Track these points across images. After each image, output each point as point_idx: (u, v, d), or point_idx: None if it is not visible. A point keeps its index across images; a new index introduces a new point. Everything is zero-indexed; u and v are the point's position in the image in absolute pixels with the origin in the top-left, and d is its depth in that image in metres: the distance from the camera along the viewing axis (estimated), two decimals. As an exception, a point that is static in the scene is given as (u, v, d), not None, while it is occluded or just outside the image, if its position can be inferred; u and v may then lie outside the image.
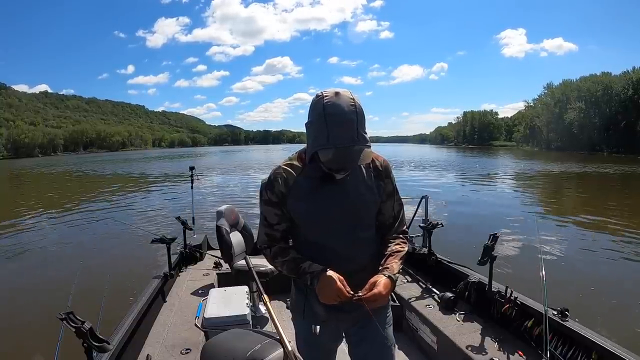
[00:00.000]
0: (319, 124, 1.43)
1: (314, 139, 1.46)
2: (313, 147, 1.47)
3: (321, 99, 1.43)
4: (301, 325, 1.87)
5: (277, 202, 1.69)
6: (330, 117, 1.40)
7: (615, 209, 13.62)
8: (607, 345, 2.36)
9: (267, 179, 1.71)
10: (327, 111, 1.41)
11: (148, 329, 3.27)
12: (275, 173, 1.68)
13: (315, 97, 1.47)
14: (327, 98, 1.43)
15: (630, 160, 46.67)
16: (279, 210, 1.71)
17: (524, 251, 8.03)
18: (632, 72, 76.22)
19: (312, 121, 1.47)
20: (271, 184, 1.68)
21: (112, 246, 9.39)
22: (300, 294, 1.82)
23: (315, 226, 1.70)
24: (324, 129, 1.41)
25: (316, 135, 1.45)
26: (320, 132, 1.43)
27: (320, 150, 1.45)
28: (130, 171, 39.28)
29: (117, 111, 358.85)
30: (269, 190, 1.69)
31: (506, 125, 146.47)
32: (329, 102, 1.41)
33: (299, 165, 1.67)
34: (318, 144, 1.44)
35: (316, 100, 1.46)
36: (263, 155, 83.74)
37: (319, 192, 1.65)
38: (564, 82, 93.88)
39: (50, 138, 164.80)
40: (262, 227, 1.77)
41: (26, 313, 5.71)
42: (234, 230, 4.14)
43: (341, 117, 1.40)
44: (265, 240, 1.78)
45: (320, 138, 1.43)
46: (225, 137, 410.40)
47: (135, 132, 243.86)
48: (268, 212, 1.74)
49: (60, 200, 18.19)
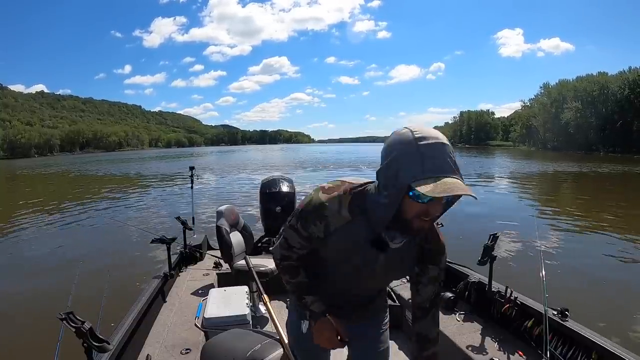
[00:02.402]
0: (408, 155, 1.14)
1: (403, 172, 1.14)
2: (402, 180, 1.14)
3: (406, 130, 1.18)
4: (293, 323, 1.81)
5: (307, 237, 1.47)
6: (423, 143, 1.13)
7: (614, 208, 13.63)
8: (607, 345, 2.37)
9: (304, 211, 1.43)
10: (418, 137, 1.14)
11: (148, 329, 3.27)
12: (317, 210, 1.39)
13: (395, 134, 1.21)
14: (413, 127, 1.18)
15: (626, 160, 46.83)
16: (306, 242, 1.50)
17: (524, 251, 8.03)
18: (628, 72, 76.44)
19: (396, 156, 1.16)
20: (306, 222, 1.43)
21: (112, 246, 9.34)
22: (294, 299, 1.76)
23: (338, 274, 1.57)
24: (417, 158, 1.12)
25: (403, 168, 1.14)
26: (410, 163, 1.13)
27: (416, 183, 1.10)
28: (129, 171, 39.16)
29: (114, 111, 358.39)
30: (301, 223, 1.44)
31: (503, 125, 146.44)
32: (417, 130, 1.16)
33: (347, 215, 1.37)
34: (410, 175, 1.12)
35: (400, 134, 1.19)
36: (260, 154, 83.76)
37: (357, 254, 1.45)
38: (560, 82, 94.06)
39: (46, 138, 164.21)
40: (280, 245, 1.58)
41: (26, 313, 5.69)
42: (234, 230, 4.15)
43: (436, 142, 1.14)
44: (279, 257, 1.61)
45: (413, 168, 1.12)
46: (222, 137, 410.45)
47: (131, 132, 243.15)
48: (291, 237, 1.52)
49: (60, 201, 18.10)
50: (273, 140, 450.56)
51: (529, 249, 8.07)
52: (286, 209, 5.11)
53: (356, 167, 35.94)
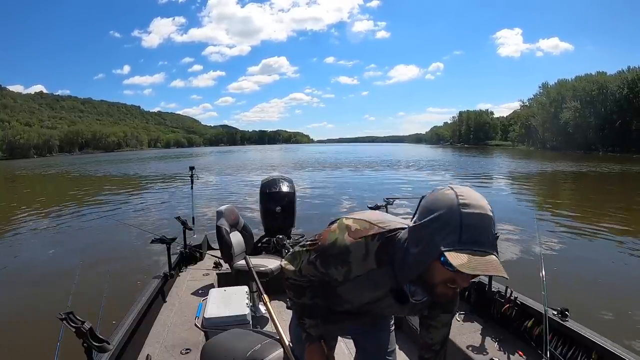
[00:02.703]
0: (448, 219, 1.06)
1: (439, 236, 1.07)
2: (436, 244, 1.07)
3: (451, 192, 1.10)
4: (296, 326, 1.79)
5: (324, 273, 1.39)
6: (467, 211, 1.05)
7: (613, 208, 13.62)
8: (607, 345, 2.37)
9: (325, 251, 1.35)
10: (462, 204, 1.06)
11: (148, 329, 3.27)
12: (340, 254, 1.31)
13: (439, 193, 1.12)
14: (458, 190, 1.10)
15: (625, 159, 46.85)
16: (320, 276, 1.43)
17: (524, 251, 8.03)
18: (627, 72, 76.51)
19: (435, 217, 1.08)
20: (327, 262, 1.35)
21: (112, 246, 9.37)
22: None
23: (353, 304, 1.50)
24: (457, 225, 1.05)
25: (440, 232, 1.07)
26: (448, 229, 1.06)
27: (449, 253, 1.03)
28: (129, 172, 39.09)
29: (113, 112, 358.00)
30: (320, 262, 1.37)
31: (502, 125, 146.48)
32: (463, 195, 1.08)
33: (373, 263, 1.29)
34: (446, 242, 1.05)
35: (443, 194, 1.11)
36: (259, 155, 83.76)
37: (375, 301, 1.42)
38: (559, 82, 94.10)
39: (45, 139, 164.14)
40: (294, 273, 1.51)
41: (26, 313, 5.69)
42: (234, 230, 4.15)
43: (480, 212, 1.06)
44: (289, 277, 1.56)
45: (450, 236, 1.05)
46: (221, 137, 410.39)
47: (130, 133, 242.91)
48: (308, 271, 1.45)
49: (60, 201, 18.09)
50: (272, 141, 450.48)
51: (528, 249, 8.08)
52: (286, 209, 5.11)
53: (355, 168, 35.96)
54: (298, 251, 1.51)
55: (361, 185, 21.52)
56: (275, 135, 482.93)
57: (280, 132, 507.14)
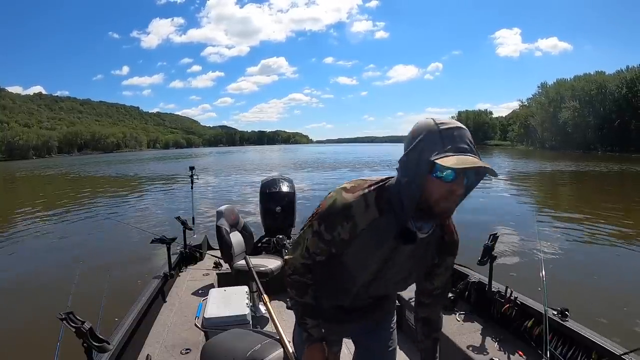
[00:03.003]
0: (430, 137, 1.19)
1: (426, 152, 1.18)
2: (424, 158, 1.18)
3: (429, 119, 1.23)
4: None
5: (330, 241, 1.41)
6: (444, 127, 1.19)
7: (613, 208, 13.62)
8: (607, 345, 2.37)
9: (328, 214, 1.39)
10: (439, 123, 1.20)
11: (148, 329, 3.27)
12: (342, 211, 1.36)
13: (418, 123, 1.26)
14: (434, 117, 1.23)
15: (624, 159, 46.83)
16: (328, 247, 1.44)
17: (524, 251, 8.03)
18: (626, 71, 76.50)
19: (420, 140, 1.21)
20: (332, 223, 1.38)
21: (112, 246, 9.38)
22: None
23: (360, 277, 1.51)
24: (438, 138, 1.18)
25: (426, 148, 1.19)
26: (433, 143, 1.18)
27: (445, 157, 1.14)
28: (129, 173, 39.14)
29: (112, 112, 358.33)
30: (325, 226, 1.40)
31: (501, 125, 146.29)
32: (438, 118, 1.22)
33: (375, 210, 1.34)
34: (432, 153, 1.16)
35: (422, 122, 1.24)
36: (259, 155, 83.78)
37: (384, 252, 1.42)
38: (558, 82, 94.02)
39: (44, 140, 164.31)
40: (300, 255, 1.52)
41: (26, 313, 5.71)
42: (234, 230, 4.15)
43: (456, 126, 1.20)
44: (298, 268, 1.55)
45: (435, 147, 1.17)
46: (220, 137, 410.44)
47: (129, 134, 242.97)
48: (314, 244, 1.46)
49: (60, 201, 18.13)
50: (271, 141, 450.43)
51: (529, 249, 8.08)
52: (286, 209, 5.13)
53: (354, 168, 35.94)
54: (299, 236, 1.53)
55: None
56: (274, 136, 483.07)
57: (279, 133, 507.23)
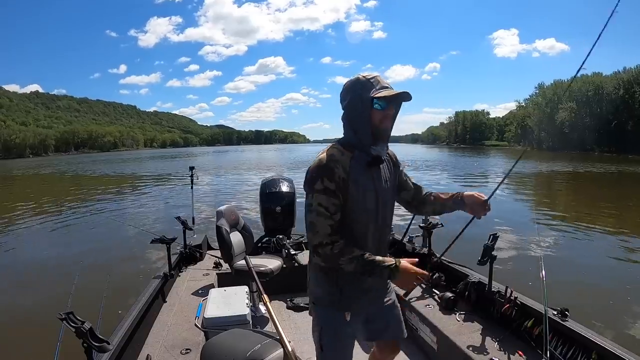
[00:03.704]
0: (364, 85, 1.75)
1: (365, 94, 1.74)
2: (366, 97, 1.73)
3: (355, 77, 1.81)
4: (331, 317, 1.92)
5: (334, 190, 1.72)
6: (370, 76, 1.76)
7: (611, 208, 13.68)
8: (607, 345, 2.36)
9: (320, 167, 1.73)
10: (364, 75, 1.77)
11: (148, 329, 3.26)
12: (329, 160, 1.75)
13: (347, 82, 1.83)
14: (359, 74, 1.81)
15: (621, 160, 46.94)
16: (337, 198, 1.73)
17: (524, 251, 8.03)
18: (622, 73, 76.66)
19: (356, 87, 1.77)
20: (330, 171, 1.72)
21: (112, 246, 9.37)
22: (332, 287, 1.87)
23: (365, 209, 1.82)
24: (369, 84, 1.74)
25: (365, 91, 1.74)
26: (368, 87, 1.74)
27: (378, 93, 1.72)
28: (127, 172, 39.07)
29: (109, 111, 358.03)
30: (326, 178, 1.71)
31: (498, 125, 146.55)
32: (361, 74, 1.80)
33: (348, 152, 1.80)
34: (370, 92, 1.72)
35: (351, 80, 1.81)
36: (256, 155, 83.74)
37: (370, 176, 1.83)
38: (555, 82, 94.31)
39: (41, 138, 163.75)
40: (323, 219, 1.72)
41: (26, 313, 5.70)
42: (234, 230, 4.15)
43: (375, 74, 1.78)
44: (328, 234, 1.73)
45: (368, 89, 1.74)
46: (218, 137, 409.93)
47: (126, 133, 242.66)
48: (327, 202, 1.71)
49: (59, 201, 18.12)
50: (268, 141, 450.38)
51: (528, 249, 8.10)
52: (286, 209, 5.14)
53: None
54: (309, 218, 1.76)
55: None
56: (272, 135, 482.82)
57: (276, 132, 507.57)
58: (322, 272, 1.88)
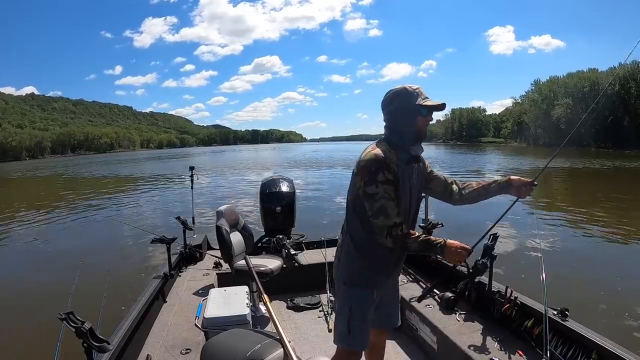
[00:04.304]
0: (410, 95, 2.03)
1: (413, 102, 2.01)
2: (414, 105, 2.01)
3: (400, 87, 2.08)
4: (361, 296, 2.19)
5: (393, 181, 1.96)
6: (413, 88, 2.04)
7: (612, 205, 13.72)
8: (607, 345, 2.37)
9: (379, 161, 1.96)
10: (408, 86, 2.05)
11: (148, 329, 3.26)
12: (385, 155, 1.98)
13: (394, 91, 2.08)
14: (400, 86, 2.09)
15: (618, 156, 47.06)
16: (394, 187, 1.97)
17: (524, 251, 8.04)
18: (618, 68, 76.79)
19: (401, 99, 2.04)
20: (387, 165, 1.95)
21: (112, 246, 9.41)
22: (364, 267, 2.15)
23: (403, 202, 2.05)
24: (415, 94, 2.02)
25: (411, 101, 2.01)
26: (414, 97, 2.02)
27: (424, 102, 2.01)
28: (125, 173, 39.14)
29: (105, 112, 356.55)
30: (385, 171, 1.94)
31: (494, 122, 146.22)
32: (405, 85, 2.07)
33: (393, 151, 2.03)
34: (418, 101, 2.01)
35: (397, 90, 2.07)
36: (253, 155, 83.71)
37: (408, 174, 2.07)
38: (551, 79, 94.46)
39: (37, 140, 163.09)
40: (392, 203, 1.96)
41: (26, 313, 5.72)
42: (234, 230, 4.17)
43: (417, 87, 2.05)
44: (397, 215, 1.96)
45: (417, 99, 2.01)
46: (214, 137, 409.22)
47: (123, 134, 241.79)
48: (390, 190, 1.95)
49: (58, 202, 18.18)
50: (265, 140, 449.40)
51: (529, 248, 8.09)
52: (286, 209, 5.15)
53: (348, 166, 35.96)
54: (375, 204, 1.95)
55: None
56: (268, 135, 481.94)
57: (273, 132, 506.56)
58: (356, 252, 2.14)
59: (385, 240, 1.97)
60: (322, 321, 4.04)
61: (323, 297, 4.37)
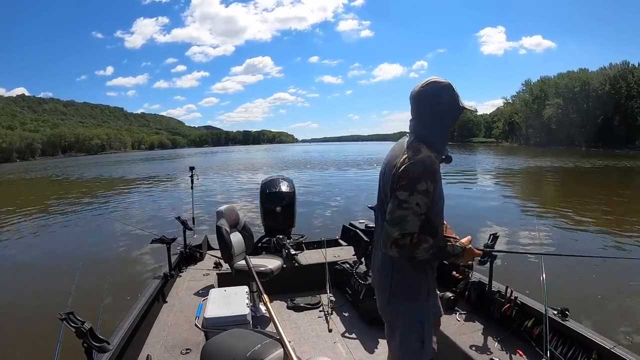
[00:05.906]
0: (454, 92, 1.94)
1: (457, 101, 1.96)
2: (458, 106, 1.98)
3: (443, 81, 1.94)
4: (425, 307, 2.07)
5: (431, 192, 1.85)
6: (452, 85, 1.94)
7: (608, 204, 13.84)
8: (607, 345, 2.40)
9: (426, 169, 1.83)
10: (449, 82, 1.94)
11: (148, 329, 3.26)
12: (434, 162, 1.87)
13: (436, 84, 1.94)
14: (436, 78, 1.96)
15: (608, 155, 47.43)
16: (429, 199, 1.85)
17: (524, 251, 8.01)
18: (609, 69, 77.44)
19: (452, 96, 1.95)
20: (434, 174, 1.86)
21: (112, 246, 9.43)
22: (422, 280, 2.03)
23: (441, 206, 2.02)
24: (456, 94, 1.95)
25: (456, 99, 1.96)
26: (456, 97, 1.95)
27: (463, 104, 1.98)
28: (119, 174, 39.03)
29: (96, 114, 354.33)
30: (429, 180, 1.82)
31: (485, 122, 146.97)
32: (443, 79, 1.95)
33: (432, 154, 1.89)
34: (459, 101, 1.97)
35: (442, 83, 1.94)
36: (245, 155, 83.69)
37: (440, 174, 1.95)
38: (541, 79, 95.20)
39: (28, 142, 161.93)
40: (416, 217, 1.82)
41: (26, 313, 5.70)
42: (234, 231, 4.18)
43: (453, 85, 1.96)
44: (413, 228, 1.81)
45: (459, 99, 1.97)
46: (206, 138, 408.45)
47: (114, 135, 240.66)
48: (423, 202, 1.82)
49: (58, 203, 18.17)
50: (257, 141, 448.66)
51: (529, 248, 8.12)
52: (286, 209, 5.16)
53: (340, 167, 36.07)
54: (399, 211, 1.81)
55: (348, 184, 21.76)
56: (260, 136, 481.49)
57: (264, 132, 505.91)
58: (411, 266, 1.98)
59: (389, 249, 1.85)
60: (322, 321, 4.04)
61: (323, 297, 4.37)
